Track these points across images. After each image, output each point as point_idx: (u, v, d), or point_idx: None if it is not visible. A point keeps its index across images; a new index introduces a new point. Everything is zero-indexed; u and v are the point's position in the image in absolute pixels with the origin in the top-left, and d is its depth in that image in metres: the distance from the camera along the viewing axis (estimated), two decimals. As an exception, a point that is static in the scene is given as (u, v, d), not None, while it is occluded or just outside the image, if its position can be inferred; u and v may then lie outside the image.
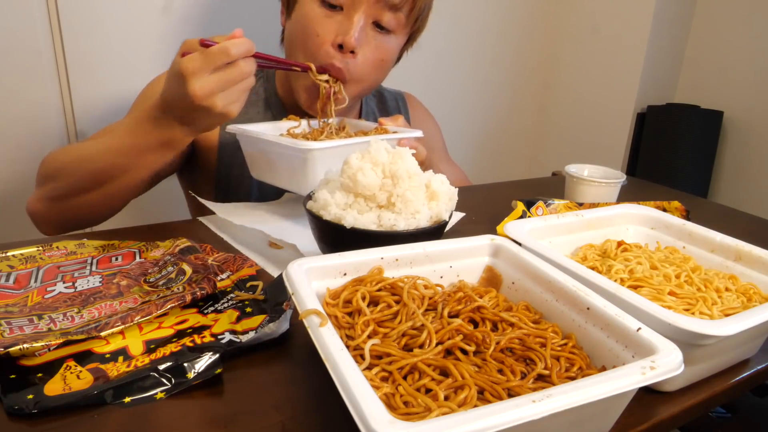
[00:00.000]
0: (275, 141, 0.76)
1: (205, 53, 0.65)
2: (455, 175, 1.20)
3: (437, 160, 1.14)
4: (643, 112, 1.99)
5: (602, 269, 0.61)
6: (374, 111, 1.11)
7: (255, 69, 0.69)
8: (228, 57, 0.65)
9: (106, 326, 0.50)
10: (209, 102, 0.66)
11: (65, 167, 0.79)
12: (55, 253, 0.67)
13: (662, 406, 0.48)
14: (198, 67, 0.64)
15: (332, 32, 0.85)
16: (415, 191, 0.62)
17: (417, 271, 0.55)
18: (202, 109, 0.67)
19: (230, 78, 0.66)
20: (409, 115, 1.15)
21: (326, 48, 0.85)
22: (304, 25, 0.86)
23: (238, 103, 0.69)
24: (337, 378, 0.36)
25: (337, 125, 0.92)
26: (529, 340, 0.46)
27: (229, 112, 0.68)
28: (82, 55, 1.22)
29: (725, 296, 0.56)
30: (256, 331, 0.51)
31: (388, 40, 0.89)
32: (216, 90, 0.66)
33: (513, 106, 2.21)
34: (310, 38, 0.85)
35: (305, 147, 0.72)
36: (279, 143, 0.76)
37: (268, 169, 0.82)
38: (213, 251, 0.68)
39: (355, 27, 0.83)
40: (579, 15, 2.09)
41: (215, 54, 0.65)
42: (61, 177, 0.79)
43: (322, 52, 0.85)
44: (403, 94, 1.18)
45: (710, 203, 1.44)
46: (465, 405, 0.38)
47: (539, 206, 0.83)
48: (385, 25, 0.87)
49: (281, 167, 0.79)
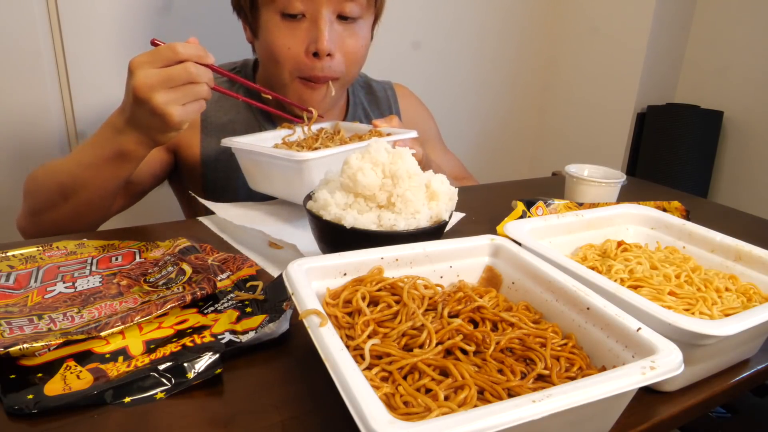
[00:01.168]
0: (270, 153, 0.76)
1: (154, 50, 0.66)
2: (451, 163, 1.20)
3: (432, 148, 1.14)
4: (643, 112, 1.99)
5: (602, 269, 0.61)
6: (363, 102, 1.10)
7: (207, 79, 0.68)
8: (174, 54, 0.65)
9: (106, 326, 0.50)
10: (148, 95, 0.65)
11: (38, 182, 0.80)
12: (55, 253, 0.67)
13: (662, 406, 0.48)
14: (144, 61, 0.65)
15: (303, 41, 0.85)
16: (415, 191, 0.62)
17: (417, 271, 0.55)
18: (143, 104, 0.66)
19: (172, 75, 0.65)
20: (398, 104, 1.14)
21: (302, 59, 0.86)
22: (273, 42, 0.87)
23: (181, 106, 0.67)
24: (337, 378, 0.36)
25: (331, 130, 0.92)
26: (529, 340, 0.46)
27: (169, 113, 0.66)
28: (82, 55, 1.22)
29: (725, 296, 0.56)
30: (256, 331, 0.51)
31: (358, 27, 0.89)
32: (156, 84, 0.65)
33: (513, 106, 2.21)
34: (283, 52, 0.86)
35: (300, 158, 0.72)
36: (274, 155, 0.76)
37: (264, 180, 0.83)
38: (213, 251, 0.68)
39: (324, 31, 0.84)
40: (579, 15, 2.09)
41: (161, 50, 0.66)
42: (35, 192, 0.80)
43: (300, 65, 0.87)
44: (392, 84, 1.17)
45: (710, 203, 1.44)
46: (465, 405, 0.38)
47: (539, 206, 0.83)
48: (350, 14, 0.87)
49: (278, 178, 0.79)
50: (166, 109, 0.66)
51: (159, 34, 1.35)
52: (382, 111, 1.12)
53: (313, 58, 0.86)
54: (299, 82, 0.89)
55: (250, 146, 0.79)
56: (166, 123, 0.67)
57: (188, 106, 0.68)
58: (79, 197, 0.76)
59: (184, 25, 1.32)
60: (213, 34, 1.28)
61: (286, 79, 0.89)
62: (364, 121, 1.08)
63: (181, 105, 0.67)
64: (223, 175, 0.96)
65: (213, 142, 0.95)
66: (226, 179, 0.96)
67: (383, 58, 1.73)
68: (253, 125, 0.98)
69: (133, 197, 0.93)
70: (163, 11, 1.29)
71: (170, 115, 0.66)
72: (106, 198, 0.79)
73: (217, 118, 0.96)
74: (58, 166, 0.78)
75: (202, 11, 1.34)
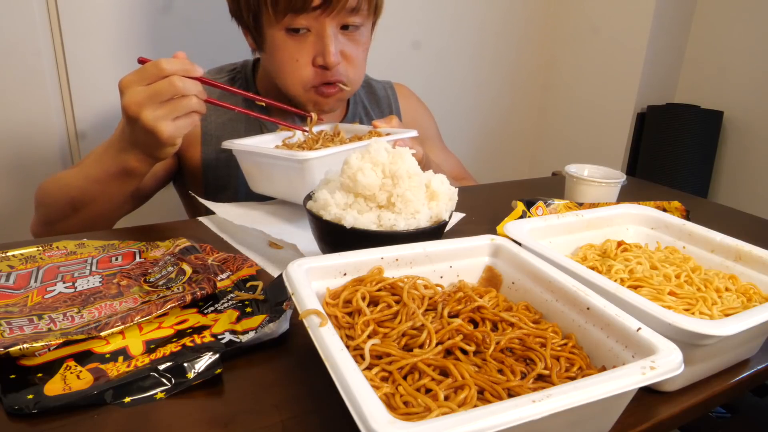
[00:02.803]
0: (271, 153, 0.77)
1: (140, 68, 0.67)
2: (451, 162, 1.20)
3: (431, 147, 1.15)
4: (643, 112, 1.99)
5: (602, 269, 0.61)
6: (363, 101, 1.11)
7: (196, 91, 0.68)
8: (159, 70, 0.66)
9: (106, 326, 0.50)
10: (137, 112, 0.66)
11: (49, 194, 0.83)
12: (55, 253, 0.67)
13: (662, 406, 0.48)
14: (131, 80, 0.67)
15: (309, 54, 0.87)
16: (415, 191, 0.62)
17: (417, 271, 0.55)
18: (134, 122, 0.67)
19: (158, 90, 0.66)
20: (399, 104, 1.15)
21: (310, 70, 0.88)
22: (281, 57, 0.89)
23: (171, 122, 0.68)
24: (337, 378, 0.36)
25: (331, 132, 0.92)
26: (529, 340, 0.46)
27: (159, 129, 0.67)
28: (82, 55, 1.22)
29: (725, 296, 0.56)
30: (256, 331, 0.51)
31: (359, 34, 0.91)
32: (144, 101, 0.66)
33: (513, 106, 2.21)
34: (291, 65, 0.88)
35: (302, 157, 0.72)
36: (275, 155, 0.76)
37: (266, 181, 0.83)
38: (213, 251, 0.68)
39: (330, 45, 0.85)
40: (579, 15, 2.09)
41: (147, 68, 0.67)
42: (46, 204, 0.84)
43: (310, 75, 0.88)
44: (393, 83, 1.18)
45: (710, 203, 1.44)
46: (465, 405, 0.38)
47: (539, 206, 0.83)
48: (351, 24, 0.88)
49: (279, 179, 0.80)
50: (155, 125, 0.67)
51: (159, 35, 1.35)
52: (382, 110, 1.12)
53: (321, 69, 0.88)
54: (313, 92, 0.91)
55: (252, 148, 0.79)
56: (158, 140, 0.68)
57: (179, 121, 0.68)
58: (89, 209, 0.79)
59: (184, 25, 1.32)
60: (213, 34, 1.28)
61: (299, 90, 0.91)
62: (365, 120, 1.09)
63: (171, 120, 0.67)
64: (223, 173, 0.97)
65: (213, 141, 0.96)
66: (226, 177, 0.97)
67: (383, 58, 1.73)
68: (253, 123, 0.98)
69: (139, 201, 0.94)
70: (163, 11, 1.29)
71: (160, 132, 0.67)
72: (114, 209, 0.83)
73: (217, 116, 0.97)
74: (67, 179, 0.81)
75: (202, 11, 1.34)
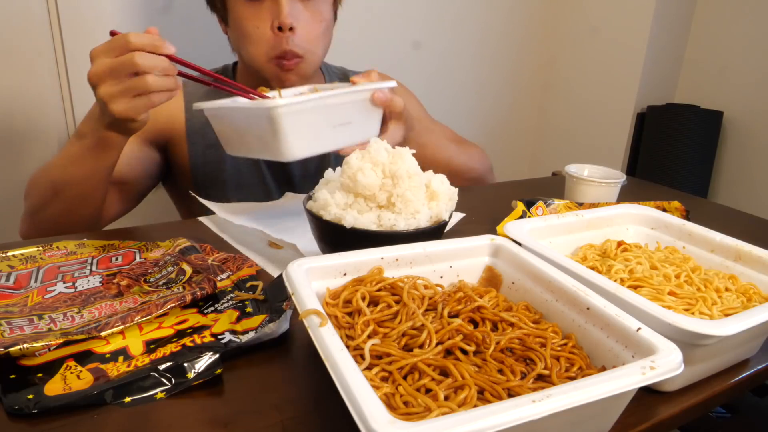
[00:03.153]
0: (238, 106, 0.72)
1: (110, 40, 0.64)
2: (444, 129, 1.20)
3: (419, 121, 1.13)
4: (643, 112, 1.99)
5: (602, 269, 0.61)
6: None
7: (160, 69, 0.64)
8: (125, 44, 0.63)
9: (106, 326, 0.50)
10: (95, 85, 0.64)
11: (34, 183, 0.82)
12: (55, 253, 0.67)
13: (662, 406, 0.48)
14: (99, 51, 0.65)
15: (268, 19, 0.89)
16: (415, 191, 0.62)
17: (417, 271, 0.55)
18: (95, 92, 0.65)
19: (117, 65, 0.63)
20: None
21: (270, 36, 0.89)
22: (242, 25, 0.90)
23: (124, 101, 0.64)
24: (337, 378, 0.36)
25: (309, 92, 0.91)
26: (529, 340, 0.46)
27: (110, 105, 0.64)
28: (82, 55, 1.22)
29: (725, 296, 0.56)
30: (256, 331, 0.51)
31: (317, 4, 0.92)
32: (103, 74, 0.64)
33: (513, 106, 2.21)
34: (252, 32, 0.90)
35: (270, 104, 0.66)
36: (242, 107, 0.71)
37: (239, 140, 0.77)
38: (213, 251, 0.68)
39: (284, 6, 0.87)
40: (579, 15, 2.09)
41: (113, 40, 0.64)
42: (32, 194, 0.82)
43: (270, 41, 0.89)
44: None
45: (710, 203, 1.44)
46: (465, 405, 0.38)
47: (539, 206, 0.83)
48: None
49: (251, 134, 0.74)
50: (108, 102, 0.64)
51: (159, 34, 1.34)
52: None
53: (279, 33, 0.89)
54: (274, 63, 0.91)
55: (220, 104, 0.76)
56: (111, 116, 0.65)
57: (135, 101, 0.64)
58: (69, 191, 0.76)
59: (184, 25, 1.32)
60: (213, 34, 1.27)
61: (262, 59, 0.91)
62: None
63: (128, 98, 0.64)
64: (211, 169, 0.97)
65: (198, 138, 0.96)
66: (214, 173, 0.97)
67: (383, 58, 1.73)
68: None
69: (131, 200, 0.93)
70: (163, 11, 1.29)
71: (111, 109, 0.64)
72: (95, 189, 0.78)
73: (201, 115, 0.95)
74: (50, 164, 0.80)
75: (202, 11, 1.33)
